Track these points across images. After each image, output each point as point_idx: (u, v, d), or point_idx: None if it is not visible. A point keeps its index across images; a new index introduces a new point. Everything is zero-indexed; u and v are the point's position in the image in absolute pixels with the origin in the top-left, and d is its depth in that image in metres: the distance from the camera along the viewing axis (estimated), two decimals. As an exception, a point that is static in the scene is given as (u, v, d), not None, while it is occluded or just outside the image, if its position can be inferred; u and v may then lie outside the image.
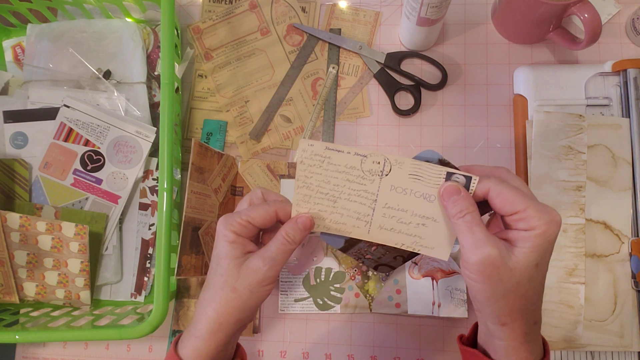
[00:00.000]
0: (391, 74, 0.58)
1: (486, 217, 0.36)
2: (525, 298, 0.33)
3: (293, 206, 0.37)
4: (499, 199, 0.33)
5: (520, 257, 0.32)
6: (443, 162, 0.35)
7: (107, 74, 0.58)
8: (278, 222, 0.38)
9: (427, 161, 0.35)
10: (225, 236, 0.36)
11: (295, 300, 0.54)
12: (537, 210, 0.32)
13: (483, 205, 0.35)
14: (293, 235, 0.36)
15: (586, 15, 0.47)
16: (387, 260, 0.41)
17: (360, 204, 0.36)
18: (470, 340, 0.39)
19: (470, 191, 0.34)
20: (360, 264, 0.54)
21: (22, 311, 0.55)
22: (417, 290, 0.53)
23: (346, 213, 0.37)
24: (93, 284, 0.55)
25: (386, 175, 0.35)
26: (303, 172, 0.36)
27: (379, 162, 0.35)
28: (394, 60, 0.58)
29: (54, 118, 0.56)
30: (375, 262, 0.41)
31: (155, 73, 0.60)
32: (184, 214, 0.48)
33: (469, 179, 0.34)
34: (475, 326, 0.39)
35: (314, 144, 0.35)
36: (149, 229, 0.57)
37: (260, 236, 0.40)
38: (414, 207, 0.36)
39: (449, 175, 0.34)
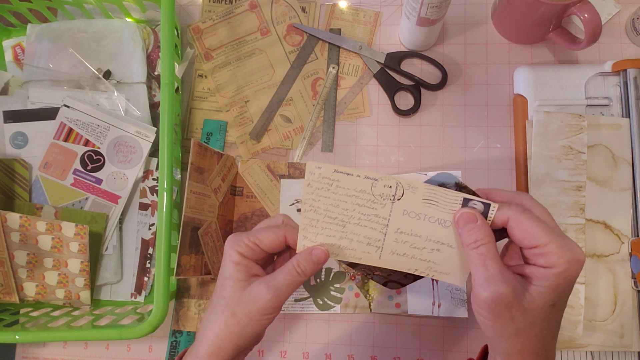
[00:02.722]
0: (391, 74, 0.58)
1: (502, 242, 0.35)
2: (539, 338, 0.31)
3: (300, 230, 0.35)
4: (518, 230, 0.31)
5: (535, 297, 0.30)
6: (460, 186, 0.34)
7: (107, 74, 0.58)
8: (290, 249, 0.37)
9: (443, 185, 0.33)
10: (230, 256, 0.35)
11: (295, 300, 0.54)
12: (559, 247, 0.29)
13: (500, 230, 0.33)
14: (304, 267, 0.35)
15: (586, 15, 0.47)
16: (397, 277, 0.39)
17: (371, 229, 0.35)
18: None
19: (488, 220, 0.32)
20: (368, 279, 0.54)
21: (22, 311, 0.55)
22: (417, 290, 0.53)
23: (356, 238, 0.35)
24: (93, 284, 0.55)
25: (398, 199, 0.33)
26: (310, 195, 0.34)
27: (390, 186, 0.33)
28: (394, 60, 0.58)
29: (54, 118, 0.56)
30: (384, 278, 0.40)
31: (155, 73, 0.60)
32: (183, 214, 0.48)
33: (487, 206, 0.32)
34: (485, 350, 0.38)
35: (322, 166, 0.33)
36: (149, 229, 0.57)
37: (273, 260, 0.39)
38: (428, 232, 0.34)
39: (465, 202, 0.32)
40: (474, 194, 0.33)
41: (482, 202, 0.32)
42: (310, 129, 0.58)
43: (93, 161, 0.56)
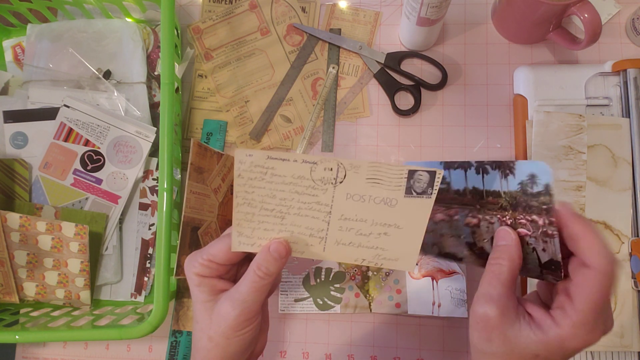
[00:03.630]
0: (391, 74, 0.58)
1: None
2: None
3: (233, 227, 0.32)
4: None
5: (521, 338, 0.30)
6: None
7: (107, 74, 0.58)
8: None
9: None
10: (190, 280, 0.33)
11: (295, 300, 0.54)
12: (577, 324, 0.29)
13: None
14: (266, 267, 0.32)
15: (586, 15, 0.47)
16: (453, 250, 0.36)
17: (313, 219, 0.32)
18: None
19: (435, 186, 0.30)
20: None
21: (22, 311, 0.55)
22: (417, 290, 0.53)
23: (297, 230, 0.32)
24: (93, 284, 0.55)
25: (340, 182, 0.31)
26: (242, 187, 0.31)
27: (331, 169, 0.30)
28: (394, 60, 0.58)
29: (54, 118, 0.56)
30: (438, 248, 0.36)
31: (155, 73, 0.60)
32: (183, 214, 0.48)
33: (432, 174, 0.30)
34: None
35: (252, 153, 0.30)
36: (149, 229, 0.57)
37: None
38: (373, 215, 0.32)
39: (411, 174, 0.30)
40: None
41: (427, 172, 0.30)
42: (310, 129, 0.58)
43: (93, 161, 0.56)
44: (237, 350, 0.33)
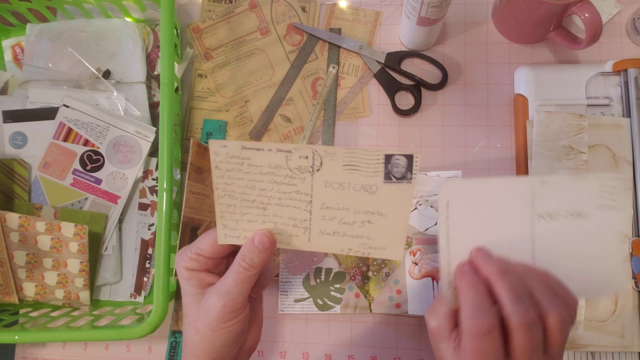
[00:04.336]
0: (391, 74, 0.58)
1: None
2: None
3: (217, 220, 0.32)
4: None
5: (446, 357, 0.32)
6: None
7: (107, 74, 0.58)
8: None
9: None
10: (180, 274, 0.34)
11: (295, 301, 0.54)
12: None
13: None
14: (250, 259, 0.32)
15: (587, 15, 0.47)
16: None
17: (295, 208, 0.31)
18: None
19: (414, 171, 0.30)
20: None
21: (21, 311, 0.55)
22: (417, 291, 0.53)
23: (280, 221, 0.32)
24: (92, 284, 0.55)
25: (317, 170, 0.30)
26: (221, 178, 0.31)
27: (307, 157, 0.30)
28: (394, 60, 0.58)
29: (53, 118, 0.56)
30: None
31: (155, 73, 0.59)
32: (182, 214, 0.48)
33: (410, 158, 0.30)
34: None
35: (227, 144, 0.30)
36: (149, 229, 0.57)
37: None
38: (355, 203, 0.31)
39: (387, 158, 0.30)
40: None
41: (404, 155, 0.30)
42: (310, 129, 0.58)
43: (92, 161, 0.56)
44: (224, 343, 0.33)
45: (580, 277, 0.32)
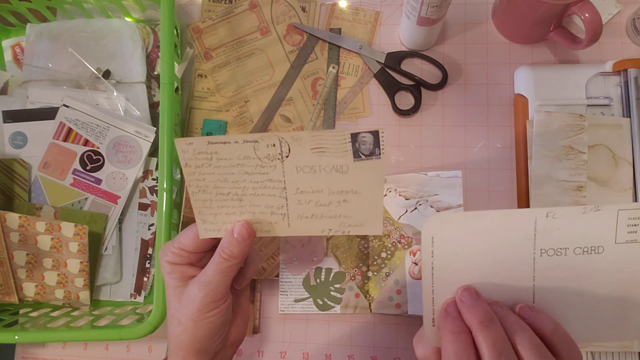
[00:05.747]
0: (391, 74, 0.58)
1: None
2: None
3: (196, 215, 0.33)
4: None
5: None
6: None
7: (107, 74, 0.58)
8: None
9: None
10: (163, 268, 0.35)
11: (295, 301, 0.54)
12: None
13: None
14: (230, 250, 0.33)
15: (587, 15, 0.47)
16: None
17: (270, 196, 0.32)
18: None
19: (381, 146, 0.30)
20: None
21: (21, 311, 0.55)
22: (417, 291, 0.53)
23: (258, 210, 0.33)
24: (92, 284, 0.55)
25: (287, 156, 0.31)
26: (192, 175, 0.31)
27: (274, 145, 0.31)
28: (394, 60, 0.58)
29: (53, 118, 0.56)
30: None
31: (155, 73, 0.59)
32: (182, 214, 0.48)
33: (375, 134, 0.30)
34: None
35: (193, 141, 0.30)
36: (149, 229, 0.57)
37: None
38: (328, 184, 0.32)
39: (354, 137, 0.30)
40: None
41: (370, 132, 0.30)
42: (310, 129, 0.58)
43: (92, 161, 0.56)
44: (205, 334, 0.34)
45: (592, 320, 0.30)
